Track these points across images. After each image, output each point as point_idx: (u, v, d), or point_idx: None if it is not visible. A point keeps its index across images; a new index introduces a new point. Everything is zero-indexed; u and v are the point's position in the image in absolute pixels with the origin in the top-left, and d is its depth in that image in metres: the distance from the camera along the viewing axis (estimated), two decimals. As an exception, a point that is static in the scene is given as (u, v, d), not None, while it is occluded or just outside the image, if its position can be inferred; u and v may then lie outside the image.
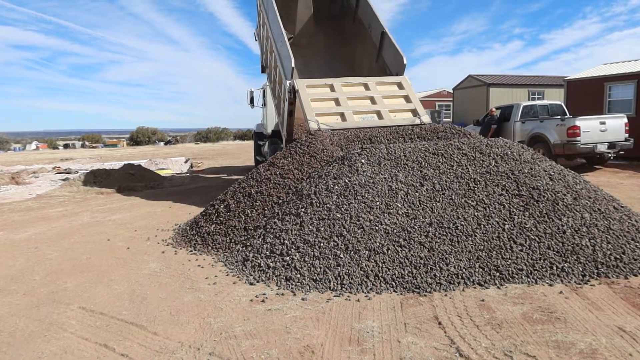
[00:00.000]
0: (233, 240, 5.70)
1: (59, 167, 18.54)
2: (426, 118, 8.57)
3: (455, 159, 5.95)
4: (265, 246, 5.07)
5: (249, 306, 3.97)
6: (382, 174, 5.64)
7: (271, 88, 11.44)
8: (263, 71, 12.76)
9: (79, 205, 9.63)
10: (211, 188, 11.80)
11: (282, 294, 4.22)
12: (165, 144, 56.45)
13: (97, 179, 12.90)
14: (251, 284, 4.50)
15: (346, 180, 5.59)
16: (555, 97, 20.02)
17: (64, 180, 14.50)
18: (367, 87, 8.92)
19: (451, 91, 27.13)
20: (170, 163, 19.21)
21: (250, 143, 46.69)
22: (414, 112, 8.69)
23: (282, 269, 4.65)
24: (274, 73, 10.64)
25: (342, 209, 5.15)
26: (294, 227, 5.16)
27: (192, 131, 72.49)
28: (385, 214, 5.04)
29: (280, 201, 6.03)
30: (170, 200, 9.98)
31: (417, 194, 5.35)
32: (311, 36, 12.39)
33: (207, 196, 10.21)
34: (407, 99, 8.91)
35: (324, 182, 5.73)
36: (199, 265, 5.14)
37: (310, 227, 5.06)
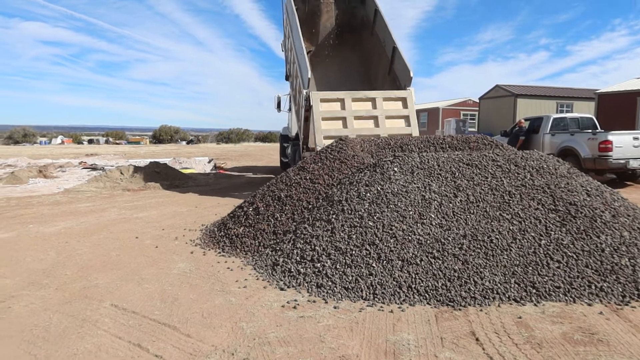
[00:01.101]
0: (262, 244, 5.68)
1: (85, 162, 18.83)
2: None
3: (490, 170, 5.85)
4: (295, 251, 5.04)
5: (280, 312, 3.93)
6: (415, 183, 5.57)
7: (292, 95, 12.56)
8: (287, 79, 13.97)
9: (106, 201, 9.73)
10: (236, 188, 11.85)
11: (314, 301, 4.17)
12: (188, 143, 57.02)
13: (123, 175, 13.03)
14: (282, 289, 4.46)
15: (378, 188, 5.53)
16: (584, 110, 19.65)
17: (97, 173, 14.69)
18: (374, 103, 9.79)
19: (477, 100, 26.86)
20: (194, 162, 19.36)
21: (272, 145, 47.10)
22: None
23: (313, 275, 4.60)
24: (295, 82, 11.59)
25: (375, 217, 5.09)
26: (325, 233, 5.11)
27: (214, 131, 73.12)
28: (418, 224, 4.97)
29: (310, 206, 6.00)
30: (195, 199, 10.03)
31: (450, 204, 5.27)
32: (332, 48, 13.41)
33: (232, 197, 10.25)
34: (407, 120, 9.87)
35: (356, 189, 5.68)
36: (228, 268, 5.13)
37: (341, 234, 5.01)
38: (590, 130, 12.51)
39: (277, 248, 5.32)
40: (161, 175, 12.99)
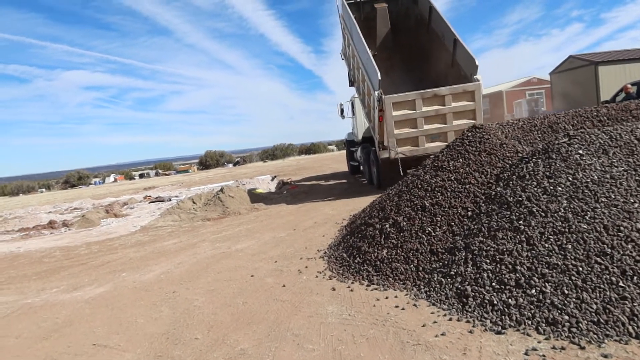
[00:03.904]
0: (421, 268, 4.46)
1: (149, 196, 18.22)
2: None
3: None
4: (484, 275, 3.79)
5: (531, 372, 2.68)
6: (617, 166, 4.22)
7: (360, 99, 12.64)
8: (351, 85, 14.12)
9: (191, 235, 8.78)
10: (319, 204, 10.71)
11: (562, 348, 2.89)
12: (234, 165, 56.82)
13: (195, 205, 12.17)
14: (498, 332, 3.21)
15: (569, 179, 4.22)
16: (676, 69, 17.55)
17: (166, 205, 13.96)
18: (442, 101, 9.99)
19: (541, 78, 24.97)
20: (257, 182, 18.44)
21: (321, 155, 46.21)
22: None
23: (533, 307, 3.33)
24: (362, 86, 11.81)
25: (586, 217, 3.78)
26: (519, 246, 3.84)
27: (254, 151, 72.84)
28: (655, 219, 3.62)
29: (470, 213, 4.74)
30: (287, 221, 8.94)
31: (683, 188, 3.89)
32: (390, 50, 13.50)
33: (323, 214, 9.12)
34: (473, 113, 10.09)
35: (535, 183, 4.38)
36: (396, 306, 3.92)
37: (545, 245, 3.73)
38: None
39: (451, 272, 4.08)
40: (236, 200, 12.02)
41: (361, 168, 17.24)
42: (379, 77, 9.81)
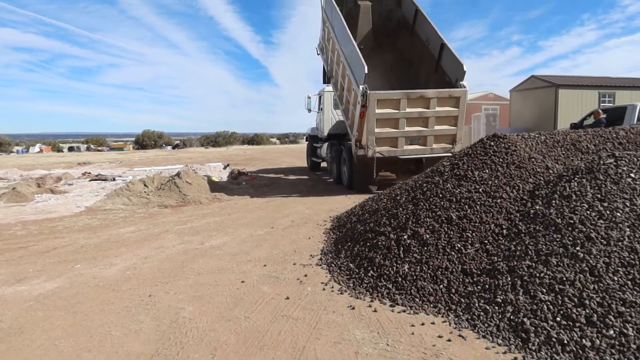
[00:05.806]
0: (454, 290, 3.91)
1: (89, 173, 16.63)
2: (459, 148, 9.71)
3: None
4: (544, 307, 3.29)
5: None
6: (676, 195, 3.87)
7: (337, 95, 12.11)
8: (327, 81, 13.57)
9: (150, 224, 7.79)
10: (288, 200, 10.01)
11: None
12: (173, 148, 54.52)
13: (147, 188, 11.07)
14: (583, 382, 2.71)
15: (627, 204, 3.83)
16: (627, 100, 18.35)
17: (110, 185, 12.65)
18: (428, 103, 9.70)
19: (498, 94, 25.47)
20: (209, 169, 17.37)
21: (269, 147, 45.39)
22: (453, 139, 10.12)
23: (615, 352, 2.86)
24: (341, 81, 11.31)
25: (658, 251, 3.38)
26: (581, 276, 3.39)
27: (193, 135, 70.37)
28: None
29: (505, 231, 4.25)
30: (260, 217, 8.16)
31: None
32: (370, 50, 12.84)
33: (298, 213, 8.44)
34: (455, 120, 9.99)
35: (584, 205, 3.96)
36: (439, 336, 3.34)
37: (614, 278, 3.29)
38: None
39: (497, 299, 3.56)
40: (194, 187, 11.03)
41: (322, 165, 16.67)
42: (366, 71, 9.28)
